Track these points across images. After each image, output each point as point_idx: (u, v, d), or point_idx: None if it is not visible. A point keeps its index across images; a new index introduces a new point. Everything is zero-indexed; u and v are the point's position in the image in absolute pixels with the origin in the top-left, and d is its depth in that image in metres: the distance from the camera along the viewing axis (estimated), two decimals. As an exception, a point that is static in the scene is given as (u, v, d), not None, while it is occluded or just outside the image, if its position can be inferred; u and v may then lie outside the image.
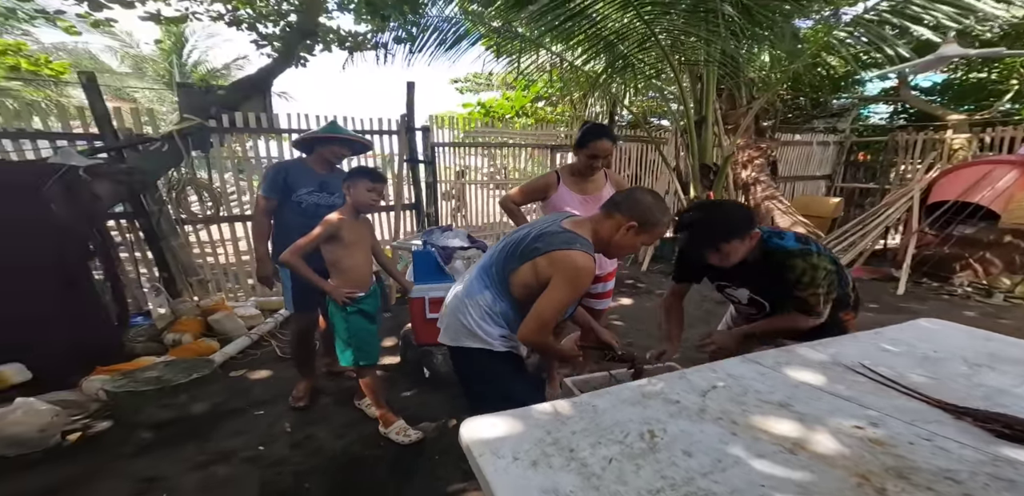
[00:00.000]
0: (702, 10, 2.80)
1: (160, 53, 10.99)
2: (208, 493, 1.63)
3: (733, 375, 1.09)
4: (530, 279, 1.25)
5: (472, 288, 1.35)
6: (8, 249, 2.33)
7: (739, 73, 4.34)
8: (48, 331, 2.42)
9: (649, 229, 1.27)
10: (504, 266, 1.30)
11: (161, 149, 3.13)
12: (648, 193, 1.32)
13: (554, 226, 1.29)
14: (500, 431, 0.92)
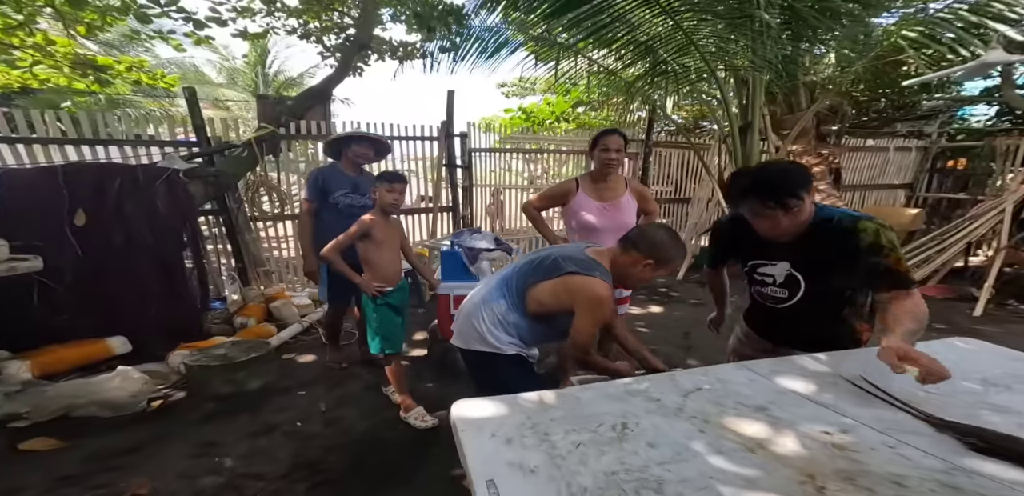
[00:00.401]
0: (740, 17, 2.73)
1: (248, 65, 12.30)
2: (251, 460, 1.86)
3: (722, 379, 1.10)
4: (546, 298, 1.34)
5: (489, 296, 1.44)
6: (124, 239, 2.77)
7: (794, 76, 4.13)
8: (148, 310, 2.83)
9: (664, 265, 1.34)
10: (524, 280, 1.39)
11: (242, 154, 3.56)
12: (662, 230, 1.38)
13: (578, 252, 1.38)
14: (486, 412, 1.01)
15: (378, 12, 4.14)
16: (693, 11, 2.88)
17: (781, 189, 1.15)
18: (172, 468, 1.78)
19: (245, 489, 1.68)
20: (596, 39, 3.17)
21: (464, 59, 3.88)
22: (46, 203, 2.55)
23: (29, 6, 3.16)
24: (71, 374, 2.46)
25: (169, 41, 4.13)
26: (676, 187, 5.52)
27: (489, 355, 1.39)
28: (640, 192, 2.11)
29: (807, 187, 1.16)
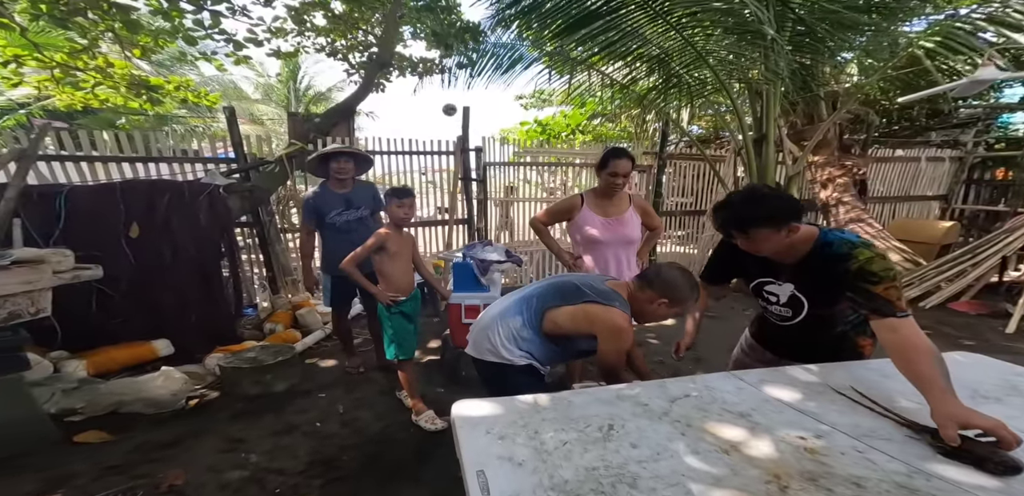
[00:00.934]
0: (749, 31, 2.78)
1: (281, 81, 13.02)
2: (274, 456, 1.98)
3: (710, 387, 1.15)
4: (564, 320, 1.42)
5: (507, 312, 1.51)
6: (171, 250, 2.99)
7: (811, 87, 4.11)
8: (189, 315, 3.03)
9: (679, 304, 1.42)
10: (544, 302, 1.46)
11: (274, 170, 3.80)
12: (676, 270, 1.44)
13: (599, 283, 1.47)
14: (483, 412, 1.10)
15: (399, 30, 4.38)
16: (701, 26, 2.95)
17: (736, 220, 1.22)
18: (204, 461, 1.93)
19: (267, 483, 1.79)
20: (608, 54, 3.24)
21: (480, 74, 4.04)
22: (105, 217, 2.80)
23: (92, 31, 3.51)
24: (121, 373, 2.66)
25: (212, 61, 4.48)
26: (696, 199, 5.49)
27: (500, 366, 1.46)
28: (643, 208, 2.16)
29: (769, 218, 1.18)
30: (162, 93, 4.29)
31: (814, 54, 3.50)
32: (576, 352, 1.56)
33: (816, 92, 4.31)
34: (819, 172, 5.39)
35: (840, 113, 3.85)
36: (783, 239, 1.20)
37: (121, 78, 3.97)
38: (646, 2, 2.62)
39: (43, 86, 3.91)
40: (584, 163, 5.15)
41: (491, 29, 3.99)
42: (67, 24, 3.28)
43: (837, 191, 5.23)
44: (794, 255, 1.26)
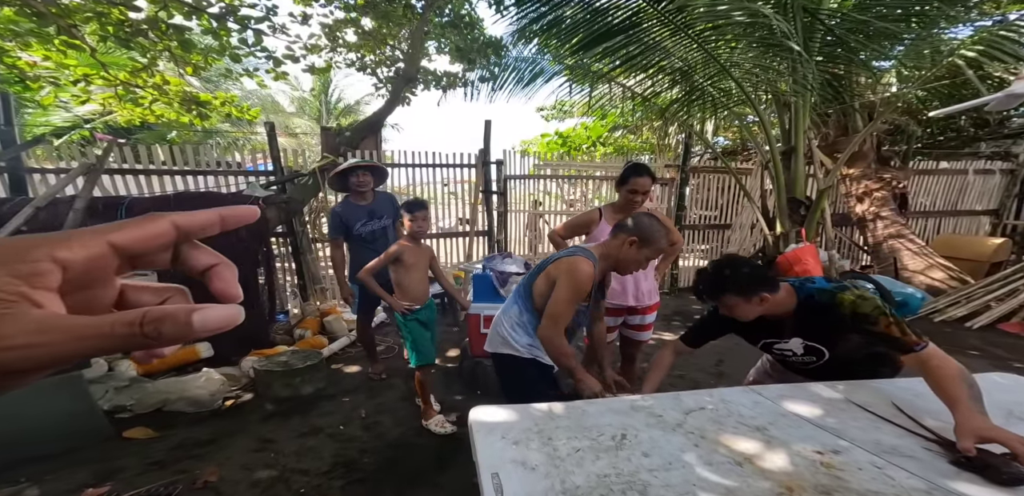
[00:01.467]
0: (774, 45, 2.76)
1: (314, 95, 13.67)
2: (300, 457, 2.05)
3: (726, 400, 1.14)
4: (543, 287, 1.50)
5: (507, 306, 1.64)
6: None
7: (844, 97, 4.01)
8: None
9: (649, 244, 1.46)
10: (528, 282, 1.58)
11: (307, 182, 4.01)
12: (646, 216, 1.53)
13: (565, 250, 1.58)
14: (499, 418, 1.13)
15: (424, 46, 4.57)
16: (724, 40, 2.96)
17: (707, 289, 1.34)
18: (237, 460, 2.02)
19: (293, 483, 1.86)
20: (629, 66, 3.26)
21: (502, 88, 4.12)
22: (160, 227, 3.06)
23: (152, 50, 3.83)
24: (166, 373, 2.82)
25: (254, 77, 4.79)
26: (720, 212, 5.39)
27: (511, 358, 1.56)
28: (663, 222, 2.16)
29: (737, 289, 1.27)
30: (210, 108, 4.60)
31: (847, 64, 3.44)
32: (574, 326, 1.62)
33: (850, 103, 4.20)
34: (854, 185, 5.21)
35: (876, 124, 3.73)
36: (756, 307, 1.28)
37: (175, 94, 4.30)
38: (667, 17, 2.65)
39: (107, 103, 4.27)
40: (604, 176, 5.16)
41: (513, 44, 4.10)
42: (130, 44, 3.60)
43: (874, 205, 5.03)
44: (785, 311, 1.32)
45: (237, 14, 3.75)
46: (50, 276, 0.19)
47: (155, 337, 0.19)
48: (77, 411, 2.11)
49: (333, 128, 4.67)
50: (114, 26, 3.41)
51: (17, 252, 0.19)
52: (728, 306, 1.31)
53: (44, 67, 3.77)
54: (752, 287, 1.26)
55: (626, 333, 2.22)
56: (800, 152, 3.45)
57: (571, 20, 2.90)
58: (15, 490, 1.78)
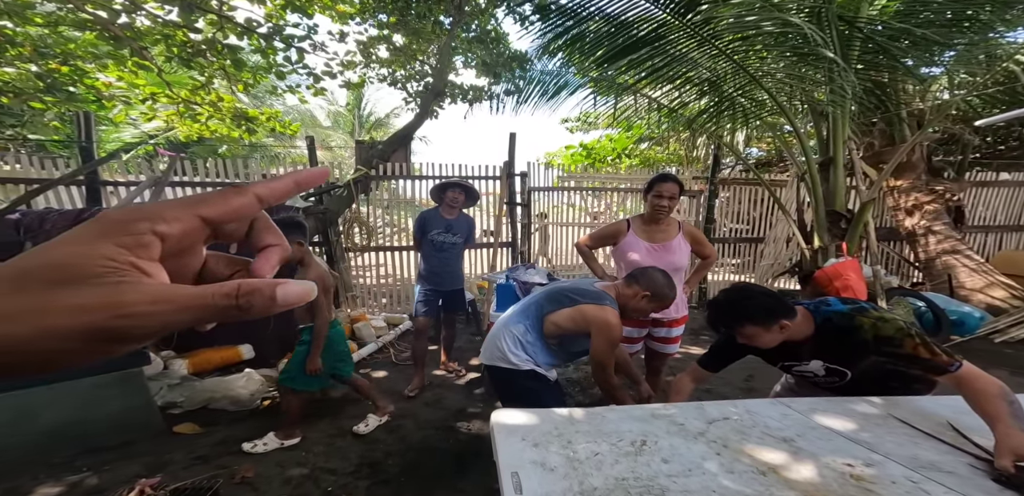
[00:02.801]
0: (808, 54, 2.71)
1: (348, 110, 14.32)
2: (328, 457, 2.11)
3: (751, 412, 1.11)
4: (563, 321, 1.58)
5: (511, 320, 1.68)
6: None
7: (888, 106, 3.86)
8: (268, 323, 3.31)
9: (659, 300, 1.61)
10: (542, 307, 1.64)
11: (342, 194, 4.20)
12: (660, 273, 1.66)
13: (589, 286, 1.67)
14: (520, 420, 1.15)
15: (452, 60, 4.74)
16: (754, 50, 2.92)
17: (723, 320, 1.33)
18: (272, 457, 2.11)
19: (321, 482, 1.92)
20: (655, 78, 3.26)
21: (527, 101, 4.19)
22: (212, 236, 3.30)
23: (209, 69, 4.18)
24: (212, 373, 2.98)
25: (296, 93, 5.10)
26: (753, 225, 5.23)
27: (508, 371, 1.61)
28: (694, 236, 2.10)
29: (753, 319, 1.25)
30: (257, 123, 4.94)
31: (890, 72, 3.32)
32: (572, 353, 1.71)
33: (895, 111, 4.03)
34: (903, 198, 4.93)
35: (925, 133, 3.55)
36: (777, 335, 1.26)
37: (227, 111, 4.65)
38: (693, 29, 2.65)
39: (170, 119, 4.66)
40: (630, 188, 5.12)
41: (537, 58, 4.19)
42: (190, 64, 3.95)
43: (926, 219, 4.73)
44: (803, 336, 1.30)
45: (283, 33, 4.06)
46: (153, 247, 0.21)
47: (247, 308, 0.20)
48: (135, 406, 2.27)
49: (366, 141, 4.88)
50: (178, 47, 3.76)
51: (121, 225, 0.20)
52: (748, 336, 1.28)
53: (117, 87, 4.17)
54: (771, 315, 1.23)
55: (651, 345, 2.18)
56: (839, 163, 3.33)
57: (595, 34, 2.95)
58: (78, 479, 1.92)
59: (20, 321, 0.17)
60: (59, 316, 0.18)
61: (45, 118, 4.94)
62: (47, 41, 3.61)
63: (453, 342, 3.26)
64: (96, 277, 0.19)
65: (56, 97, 3.85)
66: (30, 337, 0.17)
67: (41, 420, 2.05)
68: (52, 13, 3.39)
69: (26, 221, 2.82)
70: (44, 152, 6.37)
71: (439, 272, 2.83)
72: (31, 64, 3.53)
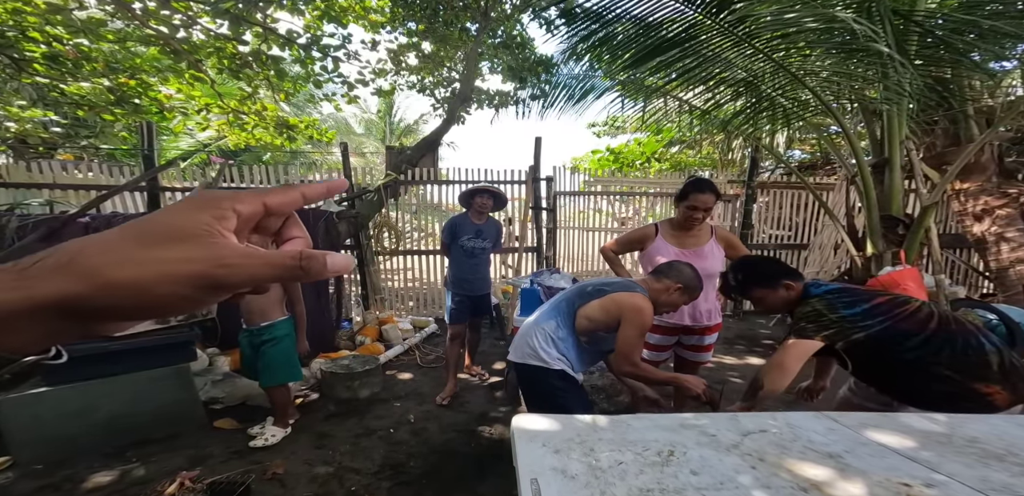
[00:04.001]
0: (858, 50, 2.54)
1: (379, 117, 14.78)
2: (353, 456, 2.14)
3: (792, 425, 1.03)
4: (596, 313, 1.57)
5: (542, 317, 1.66)
6: None
7: (951, 103, 3.57)
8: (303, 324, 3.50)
9: (690, 292, 1.62)
10: (573, 302, 1.62)
11: (373, 199, 4.32)
12: (686, 265, 1.66)
13: (615, 278, 1.72)
14: (541, 426, 1.11)
15: (478, 66, 4.80)
16: (796, 47, 2.77)
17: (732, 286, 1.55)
18: (301, 455, 2.16)
19: (346, 481, 1.94)
20: (686, 80, 3.15)
21: (553, 105, 4.14)
22: (254, 239, 3.48)
23: (255, 80, 4.44)
24: None
25: (332, 101, 5.33)
26: (795, 231, 4.94)
27: (537, 369, 1.58)
28: (728, 240, 2.00)
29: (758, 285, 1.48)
30: (297, 131, 5.21)
31: (954, 67, 3.07)
32: (603, 352, 1.72)
33: (959, 109, 3.72)
34: (971, 202, 4.51)
35: (995, 131, 3.25)
36: (784, 294, 1.43)
37: (271, 120, 4.92)
38: (727, 27, 2.55)
39: (221, 129, 4.99)
40: (659, 192, 4.98)
41: (563, 62, 4.16)
42: (239, 75, 4.22)
43: (997, 224, 4.31)
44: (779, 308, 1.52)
45: (320, 43, 4.27)
46: (231, 221, 0.25)
47: (307, 269, 0.24)
48: (182, 400, 2.39)
49: (396, 147, 5.01)
50: (228, 59, 4.03)
51: (213, 202, 0.25)
52: (758, 299, 1.45)
53: (176, 99, 4.51)
54: (773, 277, 1.41)
55: (681, 353, 2.09)
56: (896, 164, 3.08)
57: (622, 36, 2.89)
58: (126, 469, 2.04)
59: (147, 267, 0.22)
60: (175, 264, 0.22)
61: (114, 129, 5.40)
62: (117, 57, 3.96)
63: (478, 346, 3.25)
64: (199, 237, 0.23)
65: (124, 109, 4.21)
66: (154, 280, 0.22)
67: (100, 412, 2.19)
68: (121, 30, 3.71)
69: (95, 225, 3.05)
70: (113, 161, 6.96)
71: (469, 278, 2.84)
72: (103, 78, 3.88)
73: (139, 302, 0.22)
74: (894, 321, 1.29)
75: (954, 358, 1.23)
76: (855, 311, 1.33)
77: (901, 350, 1.28)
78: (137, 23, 3.52)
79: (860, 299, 1.36)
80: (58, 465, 2.03)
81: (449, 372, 2.85)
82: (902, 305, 1.33)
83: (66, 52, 3.54)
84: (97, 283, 0.21)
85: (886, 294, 1.41)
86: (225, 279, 0.23)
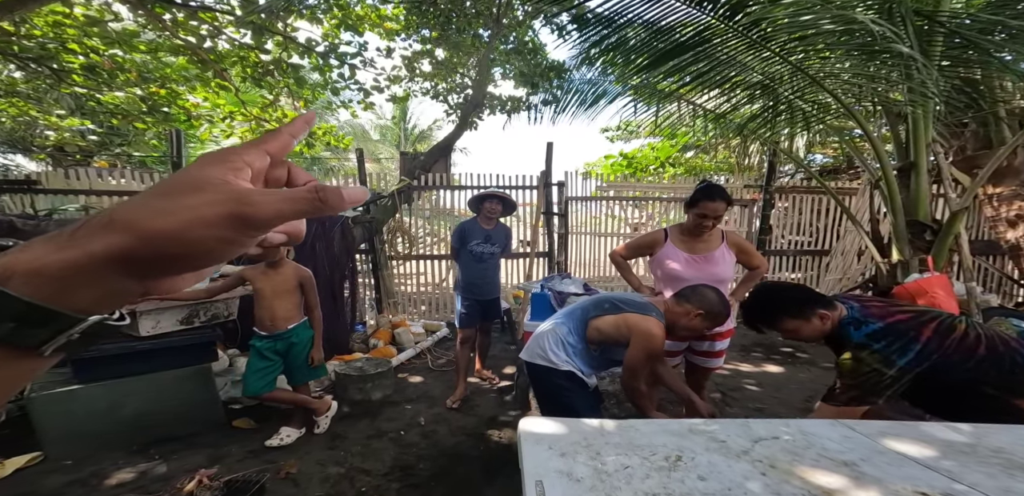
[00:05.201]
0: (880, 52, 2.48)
1: (394, 123, 15.01)
2: (364, 457, 2.16)
3: (806, 432, 1.00)
4: (607, 327, 1.59)
5: (558, 321, 1.70)
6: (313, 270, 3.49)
7: (981, 105, 3.45)
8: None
9: (712, 318, 1.57)
10: (588, 312, 1.66)
11: (387, 204, 4.38)
12: (712, 290, 1.61)
13: (636, 297, 1.68)
14: (548, 429, 1.10)
15: (491, 72, 4.84)
16: (814, 50, 2.72)
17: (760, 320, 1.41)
18: (314, 455, 2.19)
19: (356, 481, 1.96)
20: (700, 83, 3.11)
21: (565, 110, 4.13)
22: (273, 243, 3.52)
23: (276, 87, 4.58)
24: None
25: (349, 108, 5.45)
26: (817, 237, 4.81)
27: (545, 368, 1.62)
28: (740, 246, 1.96)
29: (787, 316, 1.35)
30: (315, 138, 5.33)
31: (982, 67, 2.96)
32: (612, 361, 1.71)
33: (990, 110, 3.58)
34: (1004, 207, 4.32)
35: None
36: (819, 327, 1.32)
37: (289, 126, 5.06)
38: (742, 30, 2.52)
39: (244, 136, 5.15)
40: (673, 197, 4.91)
41: (575, 67, 4.16)
42: (261, 83, 4.36)
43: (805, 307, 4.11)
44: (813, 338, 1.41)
45: (337, 51, 4.39)
46: (246, 172, 0.27)
47: (325, 201, 0.26)
48: (203, 399, 2.44)
49: (410, 153, 5.08)
50: (251, 67, 4.18)
51: (221, 157, 0.27)
52: (790, 331, 1.33)
53: (203, 107, 4.69)
54: (805, 306, 1.29)
55: (692, 359, 2.05)
56: (922, 168, 2.97)
57: (634, 41, 2.88)
58: (149, 466, 2.09)
59: (177, 214, 0.23)
60: (202, 208, 0.24)
61: (145, 137, 5.64)
62: (148, 67, 4.14)
63: (488, 350, 3.24)
64: (220, 184, 0.25)
65: (155, 117, 4.40)
66: (187, 226, 0.23)
67: (127, 409, 2.25)
68: (152, 41, 3.89)
69: None
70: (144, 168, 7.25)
71: (478, 282, 2.85)
72: (136, 88, 4.06)
73: (181, 249, 0.24)
74: (945, 355, 1.24)
75: (1001, 378, 1.20)
76: (909, 358, 1.25)
77: (947, 377, 1.24)
78: (168, 34, 3.69)
79: (908, 338, 1.26)
80: (86, 461, 2.10)
81: (459, 376, 2.85)
82: (949, 333, 1.26)
83: (102, 63, 3.72)
84: (138, 234, 0.23)
85: (927, 315, 1.33)
86: (253, 215, 0.24)
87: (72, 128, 5.02)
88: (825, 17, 2.29)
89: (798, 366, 3.47)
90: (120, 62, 3.82)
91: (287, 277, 2.21)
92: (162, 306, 2.24)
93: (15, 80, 4.48)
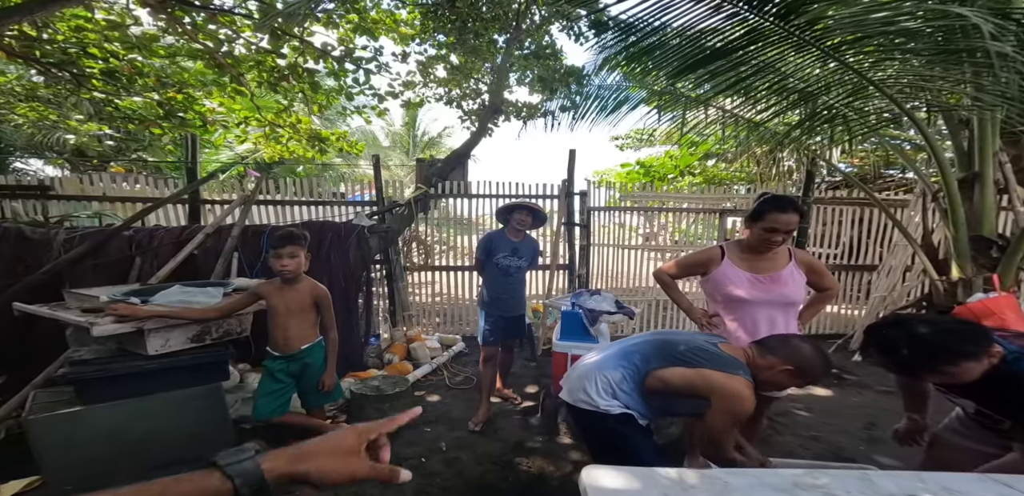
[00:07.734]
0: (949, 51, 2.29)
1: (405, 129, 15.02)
2: (383, 489, 1.97)
3: (950, 489, 0.81)
4: (676, 381, 1.35)
5: (607, 364, 1.47)
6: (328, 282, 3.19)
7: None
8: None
9: (806, 377, 1.35)
10: (649, 360, 1.42)
11: (403, 213, 4.24)
12: (808, 344, 1.37)
13: (711, 346, 1.40)
14: (618, 483, 0.93)
15: (508, 77, 4.71)
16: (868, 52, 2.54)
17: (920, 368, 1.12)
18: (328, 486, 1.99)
19: (376, 516, 1.77)
20: (736, 91, 2.94)
21: (584, 117, 3.97)
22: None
23: (291, 93, 4.51)
24: None
25: (362, 114, 5.36)
26: (849, 250, 4.54)
27: (596, 414, 1.41)
28: (810, 265, 1.76)
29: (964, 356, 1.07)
30: (328, 144, 5.24)
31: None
32: (672, 412, 1.53)
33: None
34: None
35: None
36: (987, 366, 1.08)
37: (304, 132, 4.97)
38: (789, 33, 2.36)
39: (258, 142, 5.08)
40: (700, 208, 4.69)
41: (595, 72, 4.02)
42: (276, 88, 4.28)
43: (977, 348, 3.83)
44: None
45: (352, 56, 4.31)
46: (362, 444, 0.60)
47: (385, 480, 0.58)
48: (213, 420, 2.28)
49: (427, 159, 4.94)
50: (267, 72, 4.11)
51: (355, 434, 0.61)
52: (958, 374, 1.07)
53: (219, 112, 4.63)
54: (980, 343, 1.06)
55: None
56: (988, 179, 2.74)
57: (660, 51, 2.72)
58: None
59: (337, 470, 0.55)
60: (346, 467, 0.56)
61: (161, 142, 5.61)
62: (166, 71, 4.09)
63: (510, 368, 3.06)
64: (356, 454, 0.57)
65: (171, 123, 4.34)
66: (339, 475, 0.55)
67: (133, 431, 2.10)
68: (171, 45, 3.84)
69: (138, 237, 3.05)
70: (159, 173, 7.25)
71: (504, 298, 2.69)
72: (154, 93, 4.01)
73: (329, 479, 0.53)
74: None
75: None
76: None
77: None
78: (187, 38, 3.64)
79: None
80: (88, 486, 1.92)
81: (482, 396, 2.68)
82: None
83: (122, 68, 3.68)
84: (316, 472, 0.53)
85: None
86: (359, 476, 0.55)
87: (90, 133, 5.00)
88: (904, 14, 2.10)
89: (847, 389, 3.24)
90: (139, 67, 3.78)
91: (302, 294, 2.07)
92: (171, 323, 2.10)
93: (36, 84, 4.48)
